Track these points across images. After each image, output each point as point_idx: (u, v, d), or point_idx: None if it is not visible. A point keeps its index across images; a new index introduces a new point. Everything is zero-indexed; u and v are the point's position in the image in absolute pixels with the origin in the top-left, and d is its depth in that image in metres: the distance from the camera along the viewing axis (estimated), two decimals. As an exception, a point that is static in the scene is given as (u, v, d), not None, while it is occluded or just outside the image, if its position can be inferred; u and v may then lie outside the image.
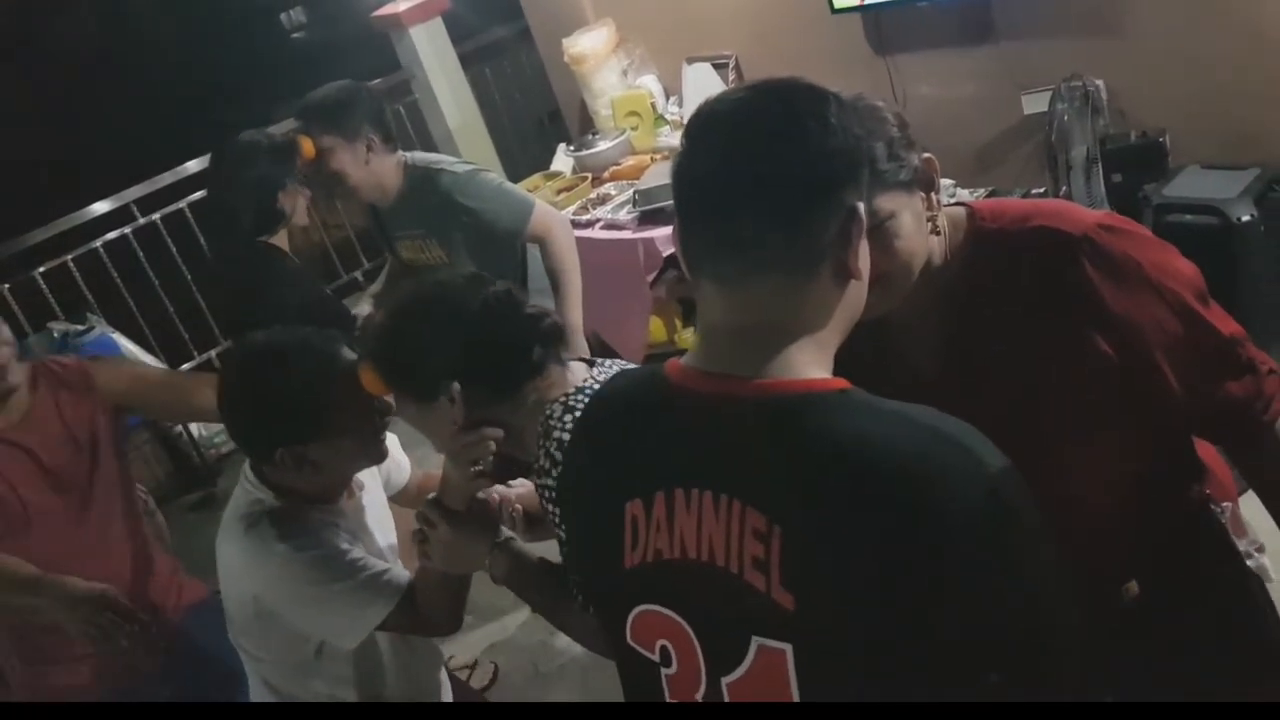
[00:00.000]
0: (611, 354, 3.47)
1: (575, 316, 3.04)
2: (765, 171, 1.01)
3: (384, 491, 2.13)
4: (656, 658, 1.10)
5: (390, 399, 1.76)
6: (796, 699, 0.99)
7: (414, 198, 3.04)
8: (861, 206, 1.04)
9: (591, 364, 1.79)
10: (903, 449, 0.96)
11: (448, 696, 2.18)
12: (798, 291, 1.03)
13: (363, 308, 3.21)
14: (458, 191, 2.98)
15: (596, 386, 1.68)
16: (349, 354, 1.84)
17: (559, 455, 1.59)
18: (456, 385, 1.63)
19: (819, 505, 0.97)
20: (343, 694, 1.95)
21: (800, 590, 0.97)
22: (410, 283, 1.82)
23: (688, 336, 4.42)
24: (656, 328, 4.37)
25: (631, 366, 1.82)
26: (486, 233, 2.98)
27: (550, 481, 1.61)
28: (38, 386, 2.29)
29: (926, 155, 1.18)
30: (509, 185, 3.17)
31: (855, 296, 1.08)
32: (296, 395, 1.78)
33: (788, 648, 0.98)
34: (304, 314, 2.41)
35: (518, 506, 1.91)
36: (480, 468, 1.69)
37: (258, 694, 2.01)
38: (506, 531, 1.78)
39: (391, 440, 2.04)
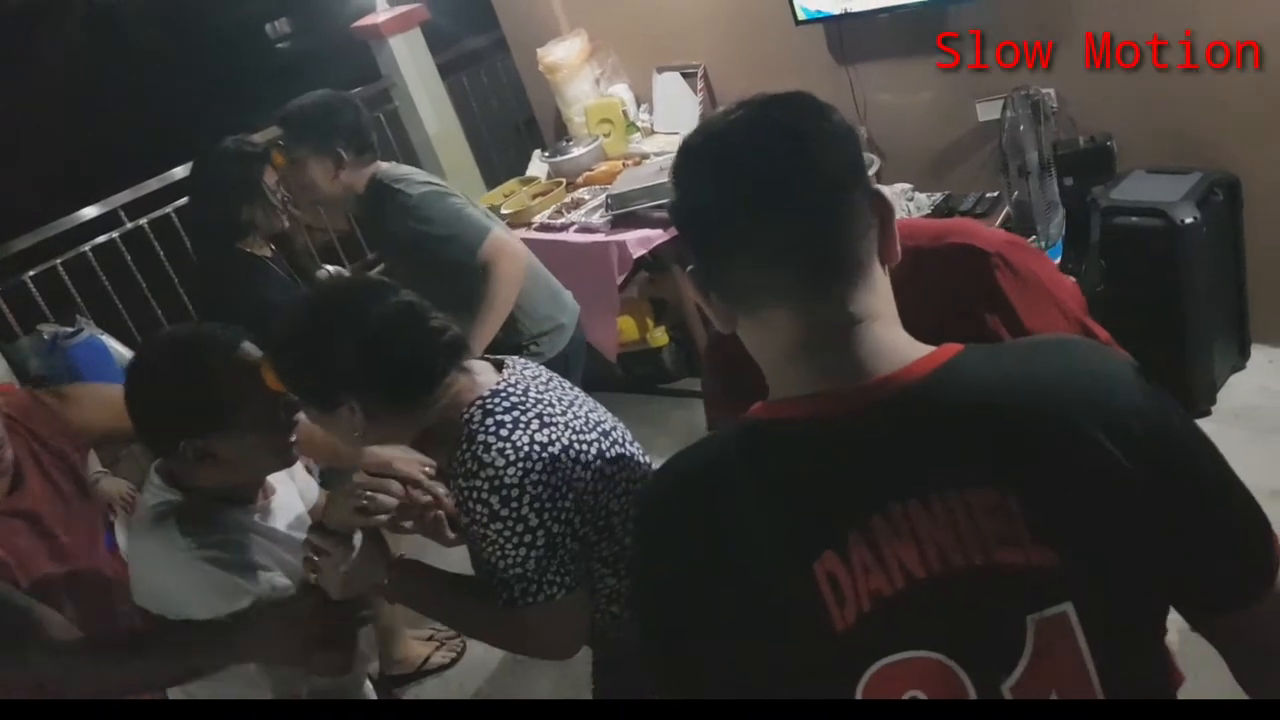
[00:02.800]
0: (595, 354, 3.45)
1: (475, 347, 2.75)
2: (809, 174, 0.98)
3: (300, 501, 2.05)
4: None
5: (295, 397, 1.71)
6: (1090, 664, 0.92)
7: (377, 214, 2.93)
8: (886, 191, 1.03)
9: (500, 365, 1.75)
10: (1073, 371, 0.98)
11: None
12: (865, 284, 1.00)
13: None
14: (410, 215, 2.84)
15: (511, 387, 1.65)
16: (252, 349, 1.75)
17: (487, 458, 1.55)
18: (353, 400, 1.60)
19: (1038, 452, 0.93)
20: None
21: (1058, 539, 0.91)
22: (314, 288, 1.74)
23: (659, 335, 4.42)
24: (629, 326, 4.37)
25: (534, 367, 1.78)
26: (440, 257, 2.84)
27: (479, 483, 1.56)
28: (14, 444, 1.98)
29: None
30: (467, 211, 2.90)
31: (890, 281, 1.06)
32: (195, 386, 1.70)
33: (1067, 607, 0.91)
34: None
35: (440, 513, 1.84)
36: (365, 504, 1.64)
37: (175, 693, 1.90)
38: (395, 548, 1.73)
39: (298, 466, 1.98)
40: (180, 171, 4.56)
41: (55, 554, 2.00)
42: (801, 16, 3.86)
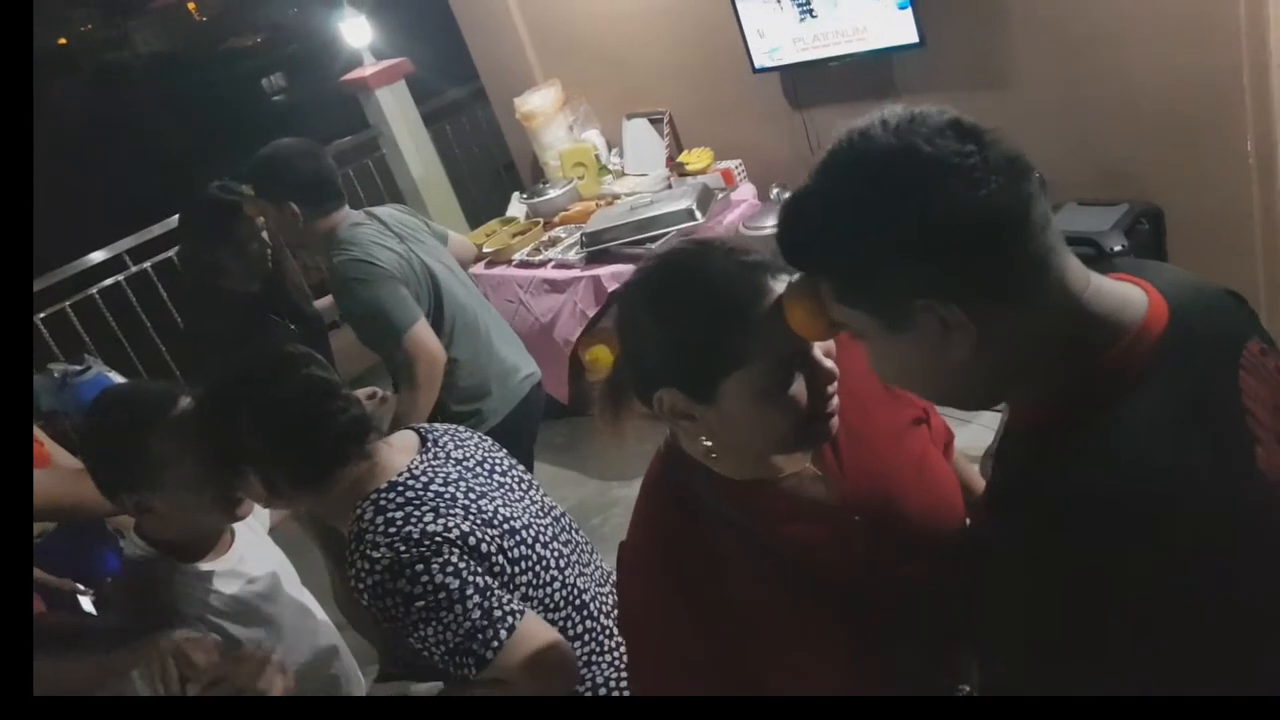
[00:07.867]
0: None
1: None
2: (1008, 148, 0.96)
3: (263, 527, 1.98)
4: None
5: None
6: None
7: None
8: None
9: (424, 440, 1.63)
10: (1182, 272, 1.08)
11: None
12: None
13: None
14: (336, 292, 2.72)
15: (413, 479, 1.54)
16: (185, 409, 1.67)
17: (376, 555, 1.44)
18: (252, 473, 1.54)
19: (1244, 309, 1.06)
20: None
21: None
22: (227, 363, 1.63)
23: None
24: (605, 355, 4.36)
25: (467, 445, 1.68)
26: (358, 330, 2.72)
27: (378, 579, 1.44)
28: None
29: None
30: (387, 305, 2.58)
31: None
32: (119, 444, 1.65)
33: None
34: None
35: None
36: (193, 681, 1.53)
37: None
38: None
39: None
40: (181, 218, 4.55)
41: None
42: (759, 65, 3.89)
